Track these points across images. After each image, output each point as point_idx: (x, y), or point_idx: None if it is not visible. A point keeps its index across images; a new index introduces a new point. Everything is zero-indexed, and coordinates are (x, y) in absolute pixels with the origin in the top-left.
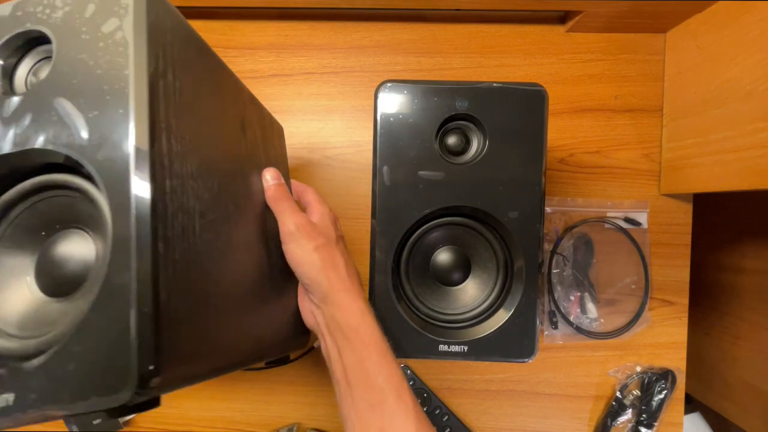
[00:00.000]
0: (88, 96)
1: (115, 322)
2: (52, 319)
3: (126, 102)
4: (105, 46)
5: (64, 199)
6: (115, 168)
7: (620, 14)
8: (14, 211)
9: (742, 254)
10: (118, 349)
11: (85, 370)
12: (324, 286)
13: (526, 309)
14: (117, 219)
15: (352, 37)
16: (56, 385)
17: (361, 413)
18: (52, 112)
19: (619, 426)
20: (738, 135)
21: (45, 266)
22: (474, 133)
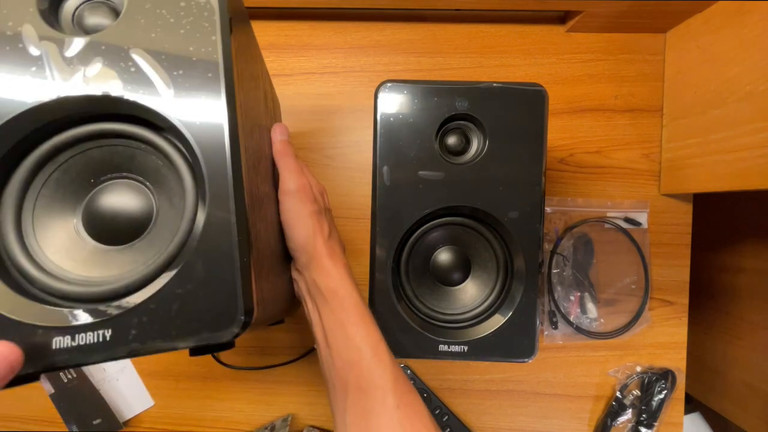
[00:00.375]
0: (171, 53)
1: (216, 269)
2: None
3: (216, 67)
4: (187, 6)
5: (123, 149)
6: (204, 129)
7: (620, 14)
8: (63, 155)
9: (742, 254)
10: (223, 292)
11: (189, 310)
12: (309, 252)
13: (526, 309)
14: (213, 177)
15: (352, 37)
16: (160, 323)
17: (340, 372)
18: (129, 62)
19: (619, 426)
20: (738, 135)
21: (98, 214)
22: (474, 133)
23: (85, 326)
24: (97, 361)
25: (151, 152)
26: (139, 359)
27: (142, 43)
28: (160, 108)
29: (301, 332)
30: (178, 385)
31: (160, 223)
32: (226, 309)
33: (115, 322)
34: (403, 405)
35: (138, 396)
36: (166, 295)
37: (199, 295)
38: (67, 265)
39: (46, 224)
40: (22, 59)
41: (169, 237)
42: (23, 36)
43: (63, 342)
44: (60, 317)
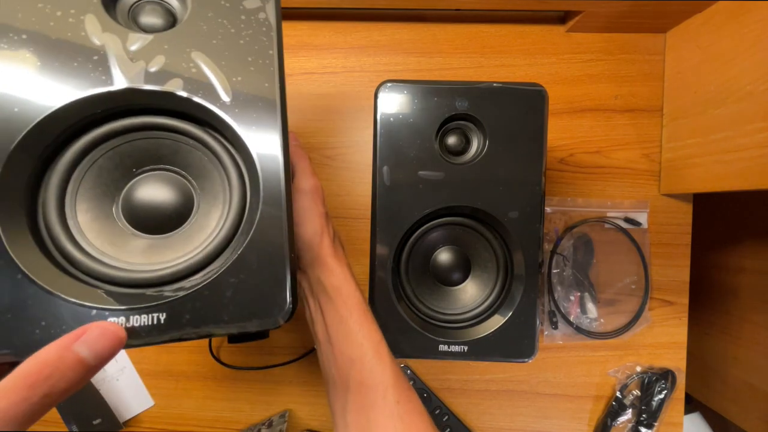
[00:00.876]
0: (231, 60)
1: (268, 261)
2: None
3: (272, 78)
4: (247, 20)
5: (169, 142)
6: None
7: (620, 14)
8: (111, 142)
9: (742, 254)
10: (272, 283)
11: (241, 298)
12: (315, 249)
13: (526, 309)
14: (267, 178)
15: (352, 37)
16: (214, 309)
17: (341, 369)
18: (190, 63)
19: (619, 426)
20: (738, 135)
21: (137, 203)
22: (474, 133)
23: (140, 309)
24: (148, 344)
25: (197, 148)
26: (139, 359)
27: (204, 47)
28: (221, 112)
29: (301, 332)
30: (177, 385)
31: (200, 216)
32: (274, 299)
33: (170, 306)
34: (403, 401)
35: (138, 396)
36: (221, 282)
37: (251, 284)
38: (107, 249)
39: (87, 208)
40: (84, 48)
41: (208, 231)
42: (86, 25)
43: (117, 323)
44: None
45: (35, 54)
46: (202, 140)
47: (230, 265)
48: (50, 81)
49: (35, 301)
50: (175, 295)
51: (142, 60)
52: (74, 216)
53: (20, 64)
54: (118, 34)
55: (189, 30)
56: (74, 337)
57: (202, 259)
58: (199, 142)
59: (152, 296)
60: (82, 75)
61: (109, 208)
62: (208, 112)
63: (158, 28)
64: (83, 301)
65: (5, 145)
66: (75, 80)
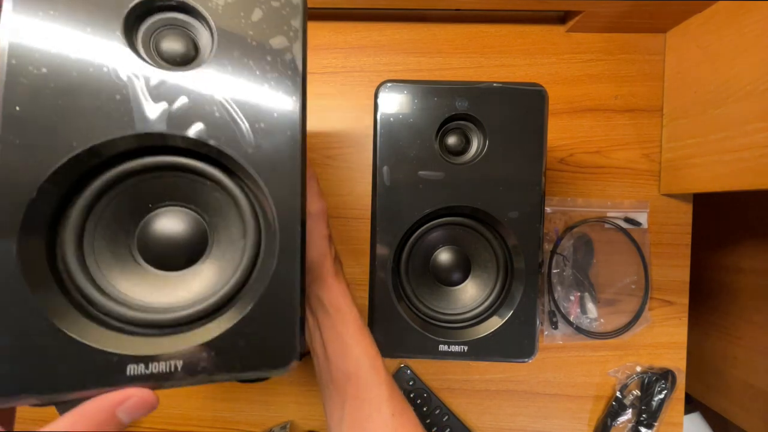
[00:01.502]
0: (255, 105)
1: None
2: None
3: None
4: (273, 61)
5: (187, 181)
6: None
7: (620, 14)
8: (132, 180)
9: (742, 254)
10: (284, 334)
11: (254, 347)
12: (317, 270)
13: (526, 309)
14: (283, 230)
15: (352, 37)
16: (227, 357)
17: (338, 383)
18: (214, 106)
19: (619, 426)
20: (738, 135)
21: (152, 237)
22: (474, 133)
23: (160, 356)
24: (165, 387)
25: (215, 188)
26: None
27: (228, 89)
28: (243, 160)
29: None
30: None
31: (213, 255)
32: (285, 348)
33: (187, 354)
34: (398, 413)
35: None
36: (236, 332)
37: (263, 335)
38: (123, 287)
39: (105, 245)
40: (107, 85)
41: (221, 272)
42: (111, 60)
43: (137, 369)
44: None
45: (55, 93)
46: (221, 182)
47: (245, 316)
48: (71, 123)
49: (58, 347)
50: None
51: (165, 101)
52: (92, 253)
53: (40, 102)
54: (141, 71)
55: (214, 70)
56: (117, 401)
57: (216, 302)
58: (218, 184)
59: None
60: (104, 116)
61: (125, 244)
62: (230, 159)
63: (180, 56)
64: (106, 347)
65: (26, 188)
66: (97, 122)
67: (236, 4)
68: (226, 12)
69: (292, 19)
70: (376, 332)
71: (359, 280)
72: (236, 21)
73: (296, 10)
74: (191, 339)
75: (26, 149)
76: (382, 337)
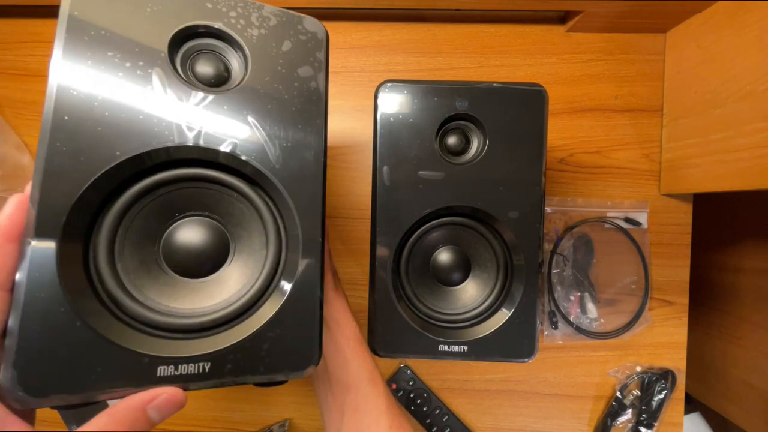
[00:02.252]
0: (283, 127)
1: (302, 318)
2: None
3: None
4: (300, 87)
5: (213, 192)
6: (302, 196)
7: (620, 14)
8: (162, 189)
9: (742, 254)
10: (305, 337)
11: (277, 350)
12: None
13: (526, 309)
14: (306, 242)
15: (352, 37)
16: (252, 360)
17: (337, 396)
18: (246, 125)
19: (619, 426)
20: (738, 135)
21: (180, 248)
22: (474, 133)
23: (189, 358)
24: (193, 389)
25: (239, 200)
26: None
27: (259, 111)
28: (271, 175)
29: None
30: None
31: (235, 263)
32: (305, 352)
33: (214, 356)
34: (395, 426)
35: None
36: (261, 335)
37: (286, 339)
38: (151, 293)
39: (134, 252)
40: (150, 100)
41: (243, 279)
42: (154, 79)
43: (167, 371)
44: (165, 347)
45: (102, 105)
46: (246, 195)
47: (270, 320)
48: (115, 133)
49: (91, 348)
50: (220, 347)
51: (203, 119)
52: (122, 259)
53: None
54: (183, 91)
55: (247, 93)
56: (147, 399)
57: (239, 308)
58: (243, 196)
59: (199, 346)
60: (146, 129)
61: (151, 251)
62: (259, 174)
63: (214, 78)
64: (137, 348)
65: (69, 196)
66: (140, 134)
67: (269, 35)
68: (260, 42)
69: (317, 51)
70: (377, 332)
71: (359, 280)
72: (268, 50)
73: (321, 43)
74: (219, 342)
75: (71, 156)
76: (382, 337)
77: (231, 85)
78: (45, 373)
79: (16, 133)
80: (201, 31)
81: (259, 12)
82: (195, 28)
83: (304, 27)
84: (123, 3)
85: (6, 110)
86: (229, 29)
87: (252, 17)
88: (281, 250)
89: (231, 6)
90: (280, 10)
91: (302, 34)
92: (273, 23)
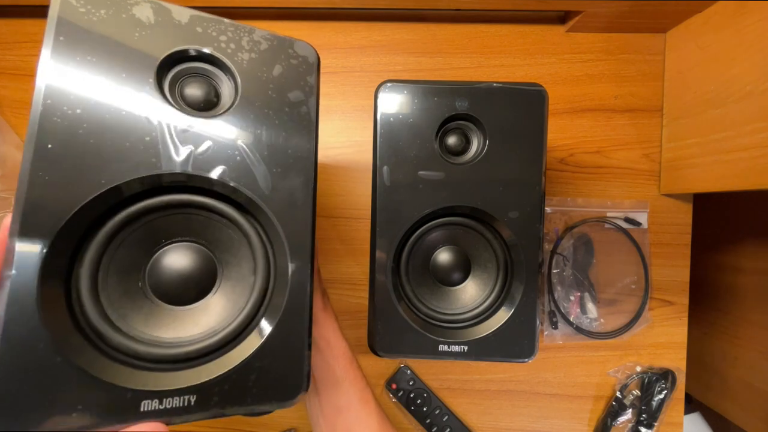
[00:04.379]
0: (273, 152)
1: (290, 349)
2: (180, 327)
3: (309, 173)
4: (290, 113)
5: (202, 218)
6: (291, 223)
7: (620, 14)
8: (149, 216)
9: (742, 254)
10: (292, 369)
11: (264, 381)
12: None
13: (526, 309)
14: (297, 267)
15: (352, 37)
16: (239, 391)
17: (328, 417)
18: (236, 151)
19: (619, 426)
20: (738, 135)
21: (163, 272)
22: (474, 133)
23: (173, 391)
24: (177, 423)
25: (228, 226)
26: None
27: (249, 136)
28: (261, 202)
29: None
30: None
31: (222, 290)
32: (293, 383)
33: (200, 388)
34: None
35: None
36: (247, 367)
37: (273, 370)
38: (136, 322)
39: (118, 281)
40: (138, 127)
41: (230, 307)
42: (141, 105)
43: (151, 405)
44: (149, 380)
45: (87, 132)
46: (236, 221)
47: (256, 351)
48: (101, 161)
49: (72, 383)
50: (206, 379)
51: (191, 144)
52: (106, 288)
53: (72, 141)
54: (171, 116)
55: (237, 117)
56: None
57: (226, 336)
58: (232, 222)
59: (185, 378)
60: (133, 156)
61: (137, 279)
62: (247, 199)
63: (203, 102)
64: (121, 383)
65: (51, 227)
66: (127, 161)
67: (259, 60)
68: (250, 66)
69: (308, 75)
70: (377, 332)
71: (359, 280)
72: (259, 75)
73: (312, 67)
74: (204, 373)
75: (54, 186)
76: (382, 337)
77: (220, 109)
78: (23, 410)
79: (16, 133)
80: (191, 55)
81: (249, 36)
82: (184, 53)
83: (295, 51)
84: (112, 29)
85: (6, 110)
86: (218, 53)
87: (243, 41)
88: (270, 277)
89: (221, 30)
90: (271, 34)
91: (293, 58)
92: (264, 47)
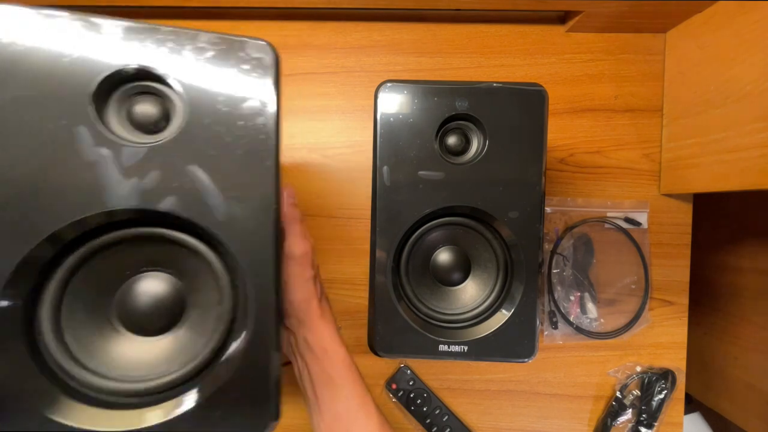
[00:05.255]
0: (226, 174)
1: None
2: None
3: (269, 194)
4: (245, 126)
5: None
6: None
7: (620, 14)
8: (109, 251)
9: (742, 254)
10: (260, 398)
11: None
12: (303, 314)
13: (526, 309)
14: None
15: (352, 37)
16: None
17: (329, 425)
18: (185, 178)
19: (619, 426)
20: (738, 135)
21: (133, 306)
22: (474, 133)
23: (148, 429)
24: None
25: (192, 255)
26: None
27: (199, 159)
28: (216, 231)
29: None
30: None
31: (191, 320)
32: (262, 415)
33: (168, 425)
34: None
35: None
36: (213, 402)
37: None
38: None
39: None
40: (78, 163)
41: (200, 337)
42: (78, 139)
43: None
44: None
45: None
46: (197, 250)
47: (222, 386)
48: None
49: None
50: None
51: (136, 177)
52: (71, 327)
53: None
54: (111, 148)
55: (184, 140)
56: None
57: (193, 369)
58: (194, 252)
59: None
60: (75, 196)
61: (103, 312)
62: (202, 230)
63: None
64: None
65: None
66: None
67: (206, 69)
68: (197, 77)
69: (264, 80)
70: (377, 332)
71: (359, 280)
72: (206, 87)
73: (268, 70)
74: (172, 409)
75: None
76: (382, 337)
77: (167, 132)
78: None
79: None
80: (129, 74)
81: (193, 43)
82: (121, 73)
83: (247, 53)
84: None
85: None
86: (159, 69)
87: (185, 50)
88: (236, 307)
89: (160, 40)
90: (218, 37)
91: (245, 62)
92: (210, 54)
